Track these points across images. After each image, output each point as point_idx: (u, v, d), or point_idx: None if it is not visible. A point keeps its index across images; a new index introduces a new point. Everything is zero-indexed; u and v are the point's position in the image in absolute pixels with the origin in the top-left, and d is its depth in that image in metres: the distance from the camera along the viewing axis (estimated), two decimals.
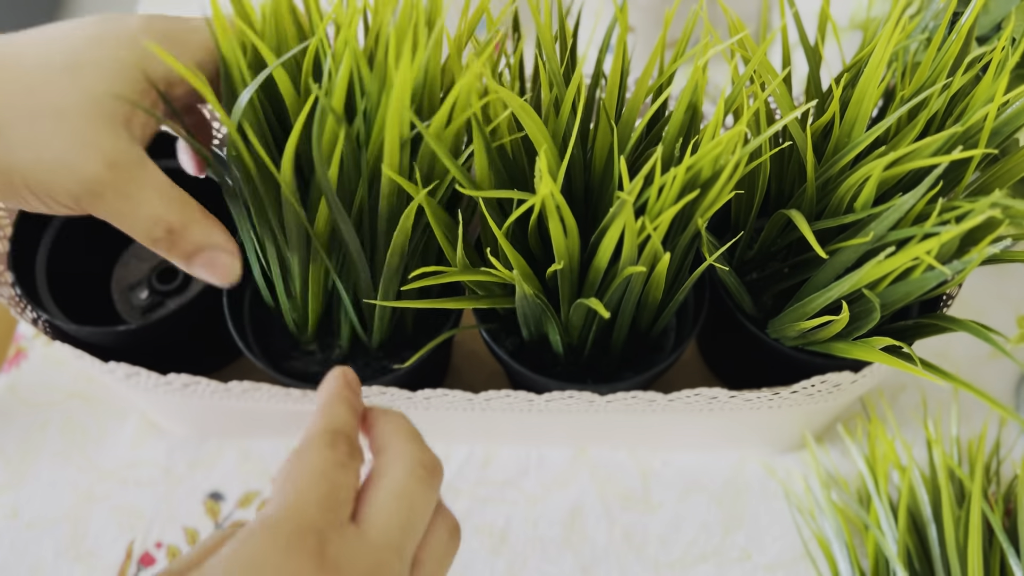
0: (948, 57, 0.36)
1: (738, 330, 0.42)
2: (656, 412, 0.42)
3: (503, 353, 0.41)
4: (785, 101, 0.38)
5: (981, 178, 0.38)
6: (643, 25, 0.62)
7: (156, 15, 0.33)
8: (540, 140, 0.33)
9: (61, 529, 0.50)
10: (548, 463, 0.52)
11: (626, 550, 0.49)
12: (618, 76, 0.36)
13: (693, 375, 0.53)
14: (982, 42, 0.44)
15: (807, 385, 0.39)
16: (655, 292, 0.37)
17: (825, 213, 0.38)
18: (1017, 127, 0.36)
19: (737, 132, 0.31)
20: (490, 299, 0.38)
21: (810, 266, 0.40)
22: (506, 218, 0.34)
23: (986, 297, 0.57)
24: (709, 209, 0.33)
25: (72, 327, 0.45)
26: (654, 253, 0.33)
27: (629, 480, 0.51)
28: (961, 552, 0.41)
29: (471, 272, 0.35)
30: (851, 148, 0.36)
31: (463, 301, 0.37)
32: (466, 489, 0.51)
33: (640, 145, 0.38)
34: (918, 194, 0.33)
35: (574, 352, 0.42)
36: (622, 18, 0.35)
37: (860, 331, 0.37)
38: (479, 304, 0.38)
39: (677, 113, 0.34)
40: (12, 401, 0.55)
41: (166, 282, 0.52)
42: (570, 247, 0.34)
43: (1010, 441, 0.51)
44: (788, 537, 0.49)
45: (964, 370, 0.54)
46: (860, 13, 0.62)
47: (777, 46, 0.59)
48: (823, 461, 0.51)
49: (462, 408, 0.42)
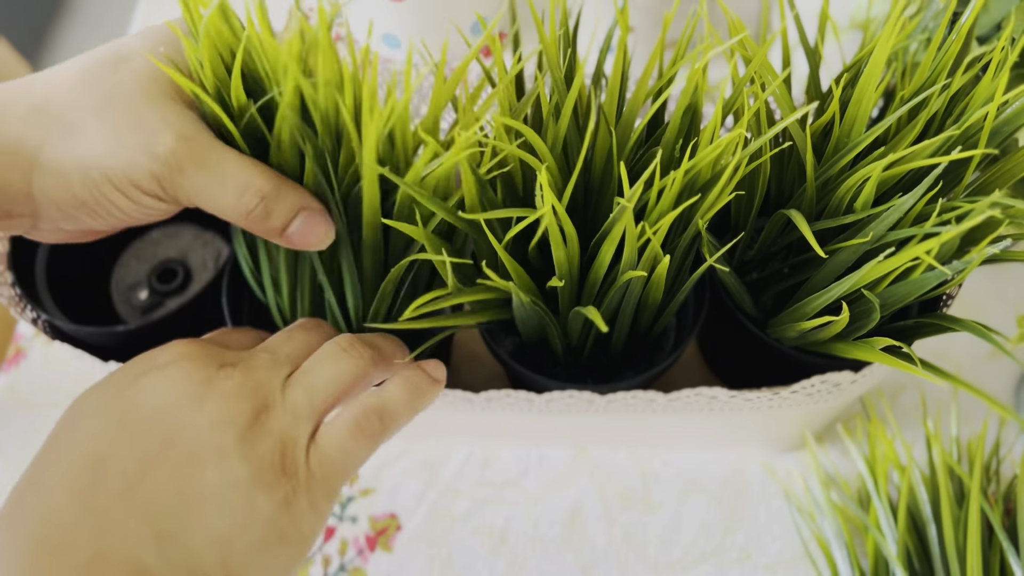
0: (948, 57, 0.36)
1: (738, 330, 0.42)
2: (656, 412, 0.42)
3: (503, 353, 0.41)
4: (785, 102, 0.38)
5: (981, 178, 0.38)
6: (643, 25, 0.62)
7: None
8: (544, 155, 0.33)
9: None
10: (548, 463, 0.52)
11: (626, 550, 0.49)
12: (619, 78, 0.36)
13: (693, 375, 0.53)
14: (982, 42, 0.44)
15: (807, 385, 0.39)
16: (655, 294, 0.37)
17: (825, 213, 0.38)
18: (1017, 127, 0.36)
19: (736, 134, 0.31)
20: (486, 312, 0.37)
21: (810, 266, 0.40)
22: (503, 229, 0.34)
23: (985, 296, 0.57)
24: (709, 211, 0.33)
25: (72, 327, 0.45)
26: (654, 256, 0.33)
27: (629, 480, 0.51)
28: (960, 552, 0.41)
29: (468, 293, 0.35)
30: (851, 148, 0.36)
31: (459, 318, 0.37)
32: (466, 489, 0.51)
33: (640, 147, 0.38)
34: (918, 194, 0.33)
35: (573, 353, 0.42)
36: (623, 19, 0.35)
37: (860, 331, 0.37)
38: (475, 320, 0.37)
39: (676, 115, 0.34)
40: (12, 401, 0.55)
41: (166, 282, 0.52)
42: (570, 255, 0.34)
43: (1010, 440, 0.51)
44: (788, 537, 0.49)
45: (964, 370, 0.54)
46: (860, 13, 0.62)
47: (777, 47, 0.59)
48: (823, 461, 0.51)
49: (462, 408, 0.42)
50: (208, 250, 0.54)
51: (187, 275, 0.53)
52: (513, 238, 0.36)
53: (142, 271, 0.53)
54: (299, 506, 0.27)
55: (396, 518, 0.50)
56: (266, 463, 0.27)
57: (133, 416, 0.27)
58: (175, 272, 0.52)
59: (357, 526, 0.50)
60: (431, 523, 0.50)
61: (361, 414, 0.30)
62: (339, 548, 0.49)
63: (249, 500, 0.26)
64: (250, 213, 0.30)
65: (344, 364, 0.31)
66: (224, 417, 0.27)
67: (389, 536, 0.49)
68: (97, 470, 0.26)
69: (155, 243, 0.55)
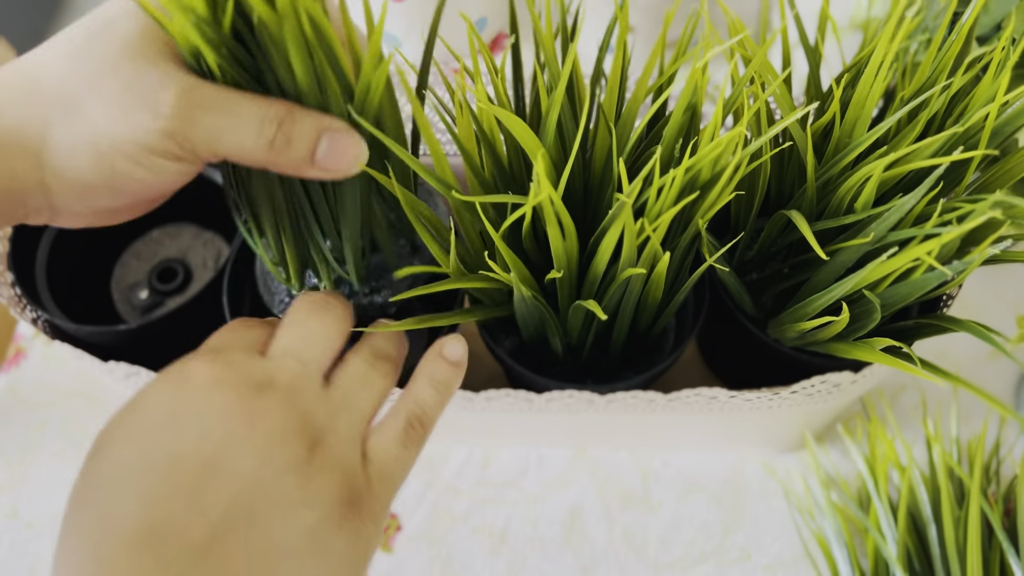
0: (948, 57, 0.36)
1: (738, 330, 0.42)
2: (656, 412, 0.42)
3: (502, 353, 0.41)
4: (785, 101, 0.38)
5: (982, 178, 0.38)
6: (643, 25, 0.62)
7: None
8: (535, 149, 0.33)
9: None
10: (548, 463, 0.52)
11: (626, 550, 0.49)
12: (618, 77, 0.36)
13: (693, 375, 0.53)
14: (982, 42, 0.44)
15: (806, 385, 0.39)
16: (655, 293, 0.37)
17: (825, 214, 0.38)
18: (1017, 127, 0.36)
19: (736, 133, 0.31)
20: (486, 310, 0.37)
21: (810, 267, 0.40)
22: (499, 219, 0.34)
23: (985, 297, 0.57)
24: (709, 210, 0.33)
25: (72, 326, 0.45)
26: (653, 254, 0.33)
27: (629, 480, 0.51)
28: (960, 551, 0.41)
29: (468, 279, 0.35)
30: (851, 148, 0.36)
31: (458, 316, 0.37)
32: (466, 489, 0.51)
33: (640, 145, 0.38)
34: (918, 195, 0.33)
35: (573, 352, 0.42)
36: (622, 18, 0.35)
37: (860, 332, 0.37)
38: (474, 317, 0.37)
39: (676, 114, 0.34)
40: (12, 401, 0.55)
41: (166, 281, 0.52)
42: (568, 250, 0.34)
43: (1010, 441, 0.51)
44: (788, 537, 0.49)
45: (964, 370, 0.54)
46: (860, 13, 0.62)
47: (777, 46, 0.59)
48: (823, 461, 0.51)
49: (462, 408, 0.42)
50: (208, 250, 0.54)
51: (187, 275, 0.53)
52: (510, 231, 0.36)
53: (142, 270, 0.53)
54: (367, 530, 0.27)
55: (396, 518, 0.50)
56: (333, 500, 0.26)
57: (181, 470, 0.25)
58: (175, 271, 0.52)
59: None
60: (431, 523, 0.50)
61: (407, 423, 0.30)
62: None
63: (323, 544, 0.26)
64: (272, 144, 0.29)
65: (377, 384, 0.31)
66: (281, 463, 0.26)
67: (389, 536, 0.49)
68: (157, 545, 0.24)
69: (155, 243, 0.55)
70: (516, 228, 0.37)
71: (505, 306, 0.38)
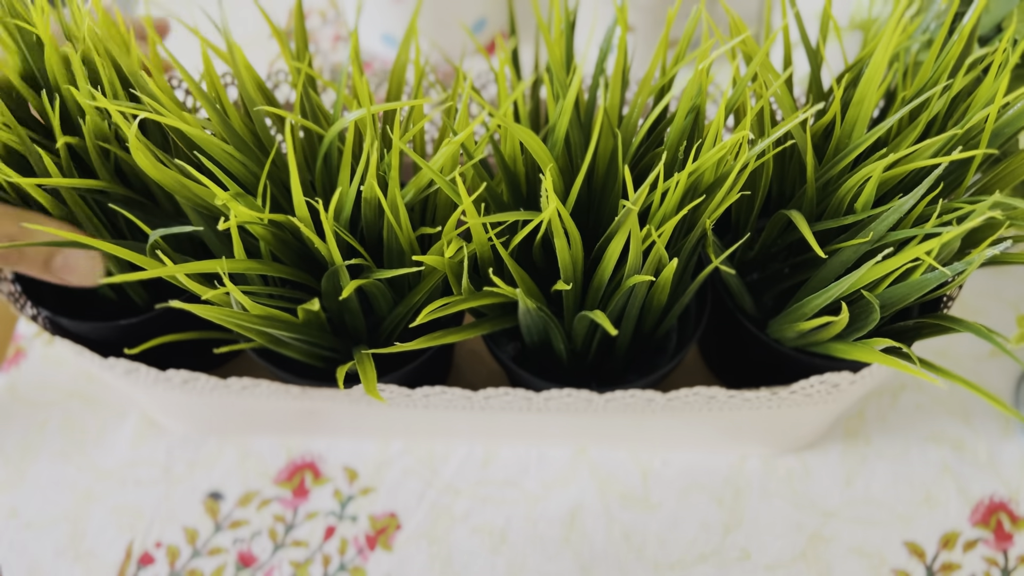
0: (949, 58, 0.36)
1: (739, 330, 0.42)
2: (655, 412, 0.42)
3: (505, 358, 0.41)
4: (787, 102, 0.38)
5: (982, 179, 0.38)
6: (643, 25, 0.62)
7: None
8: (545, 161, 0.33)
9: (60, 529, 0.50)
10: (548, 463, 0.52)
11: (626, 550, 0.49)
12: (619, 80, 0.36)
13: (693, 375, 0.54)
14: (983, 43, 0.44)
15: (806, 386, 0.39)
16: (660, 297, 0.37)
17: (825, 214, 0.38)
18: (1018, 128, 0.36)
19: (740, 135, 0.31)
20: (490, 323, 0.37)
21: (810, 267, 0.40)
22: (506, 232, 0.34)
23: (985, 297, 0.57)
24: (715, 212, 0.33)
25: (72, 322, 0.45)
26: (659, 259, 0.33)
27: (629, 479, 0.51)
28: None
29: (476, 298, 0.35)
30: (852, 149, 0.36)
31: (462, 331, 0.37)
32: (466, 489, 0.51)
33: (642, 147, 0.38)
34: (918, 195, 0.33)
35: (578, 357, 0.42)
36: (622, 18, 0.35)
37: (860, 332, 0.37)
38: (478, 331, 0.37)
39: (679, 116, 0.34)
40: (12, 401, 0.55)
41: None
42: (574, 258, 0.34)
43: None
44: (788, 537, 0.49)
45: (963, 370, 0.54)
46: (860, 13, 0.62)
47: (778, 47, 0.59)
48: (823, 461, 0.51)
49: (461, 407, 0.42)
50: None
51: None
52: (518, 244, 0.36)
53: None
54: None
55: (396, 517, 0.50)
56: None
57: None
58: None
59: (357, 525, 0.50)
60: (431, 522, 0.50)
61: None
62: (339, 547, 0.49)
63: None
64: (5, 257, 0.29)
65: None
66: None
67: (389, 535, 0.49)
68: None
69: None
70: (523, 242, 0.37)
71: (509, 317, 0.38)
